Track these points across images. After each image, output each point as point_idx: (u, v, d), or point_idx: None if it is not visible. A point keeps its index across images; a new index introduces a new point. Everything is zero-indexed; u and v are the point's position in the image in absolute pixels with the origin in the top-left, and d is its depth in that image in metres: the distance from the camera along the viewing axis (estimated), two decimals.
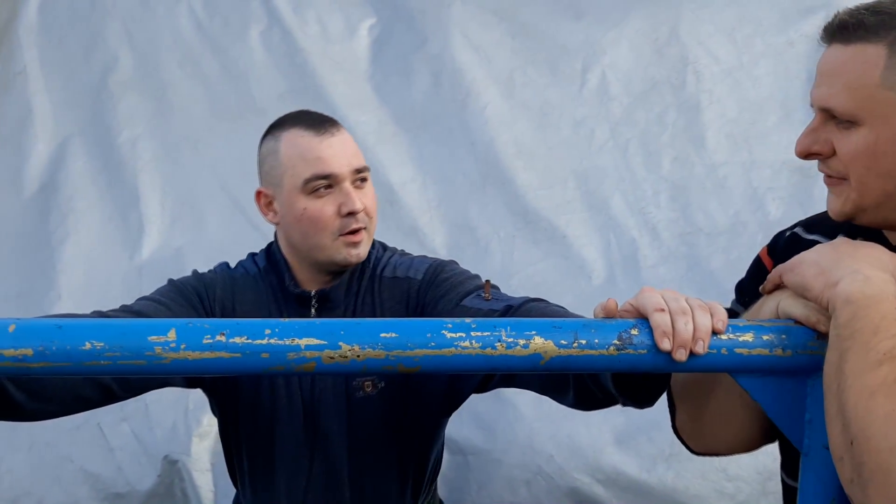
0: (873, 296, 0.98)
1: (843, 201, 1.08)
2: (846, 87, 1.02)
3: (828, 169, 1.08)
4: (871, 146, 1.03)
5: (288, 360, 0.94)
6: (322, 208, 1.52)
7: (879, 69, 1.01)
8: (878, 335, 0.95)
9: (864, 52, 1.03)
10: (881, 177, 1.04)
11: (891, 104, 1.02)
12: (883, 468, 0.90)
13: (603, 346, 1.00)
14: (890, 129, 1.02)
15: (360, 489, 1.59)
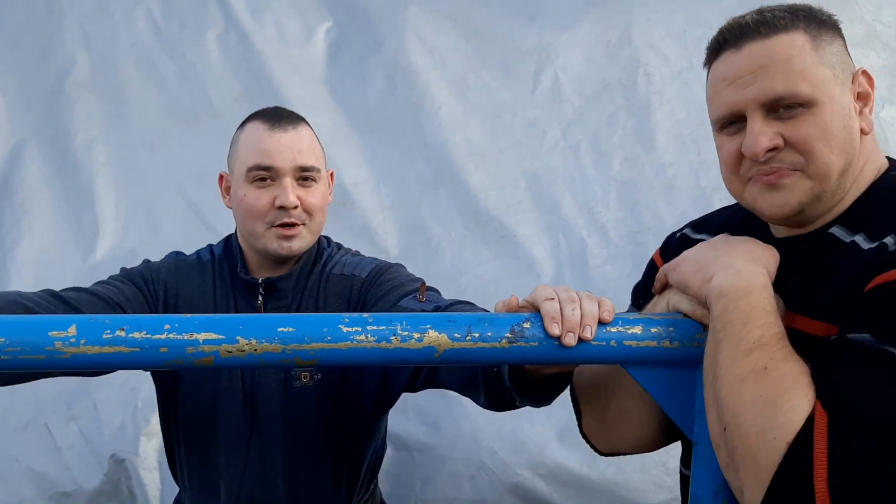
0: (744, 288, 1.02)
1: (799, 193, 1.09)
2: (798, 72, 1.06)
3: (782, 163, 1.09)
4: (828, 123, 1.06)
5: (186, 355, 0.98)
6: (258, 197, 1.59)
7: (808, 51, 1.07)
8: (747, 325, 0.99)
9: (791, 40, 1.08)
10: (839, 154, 1.07)
11: (829, 80, 1.07)
12: (752, 452, 0.94)
13: (496, 339, 1.04)
14: (836, 104, 1.07)
15: (293, 480, 1.63)
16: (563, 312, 1.04)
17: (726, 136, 1.14)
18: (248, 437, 1.62)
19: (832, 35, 1.11)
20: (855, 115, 1.09)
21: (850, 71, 1.11)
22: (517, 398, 1.20)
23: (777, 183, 1.09)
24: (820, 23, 1.11)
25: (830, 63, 1.08)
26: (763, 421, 0.94)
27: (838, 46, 1.11)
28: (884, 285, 0.97)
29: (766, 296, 1.03)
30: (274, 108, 1.69)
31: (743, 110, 1.10)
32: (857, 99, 1.10)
